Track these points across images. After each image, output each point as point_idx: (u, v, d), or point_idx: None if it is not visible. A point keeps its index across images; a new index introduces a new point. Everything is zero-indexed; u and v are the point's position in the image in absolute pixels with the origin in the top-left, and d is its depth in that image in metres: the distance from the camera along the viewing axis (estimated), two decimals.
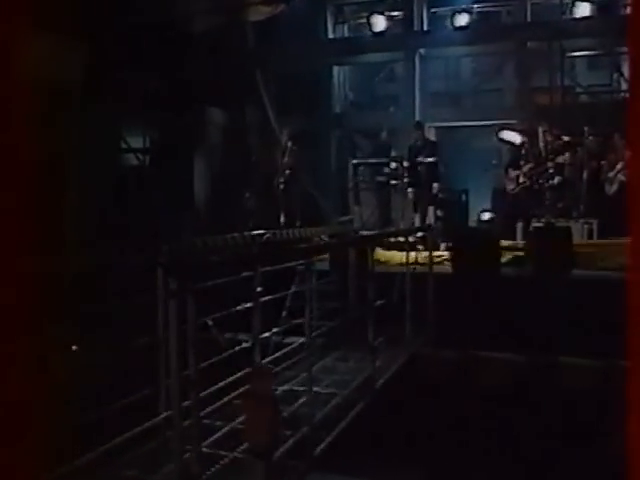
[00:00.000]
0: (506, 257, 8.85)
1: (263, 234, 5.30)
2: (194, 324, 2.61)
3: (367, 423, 4.58)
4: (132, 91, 9.88)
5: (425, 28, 14.58)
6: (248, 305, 5.07)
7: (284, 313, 5.90)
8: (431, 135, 14.58)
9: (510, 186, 10.76)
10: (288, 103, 13.98)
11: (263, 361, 5.39)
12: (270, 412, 3.07)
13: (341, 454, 4.21)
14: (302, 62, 14.73)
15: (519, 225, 10.57)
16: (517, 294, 7.96)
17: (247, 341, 5.09)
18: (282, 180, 10.81)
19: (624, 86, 13.75)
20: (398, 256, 9.80)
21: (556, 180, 10.99)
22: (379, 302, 5.21)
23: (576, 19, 13.02)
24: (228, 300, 4.60)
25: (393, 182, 11.68)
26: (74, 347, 3.71)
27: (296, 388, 5.13)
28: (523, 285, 8.27)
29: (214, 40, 12.35)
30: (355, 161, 12.15)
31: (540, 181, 10.91)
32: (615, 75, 14.20)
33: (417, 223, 10.77)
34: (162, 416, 4.02)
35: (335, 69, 16.26)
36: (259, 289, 5.22)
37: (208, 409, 4.35)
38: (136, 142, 11.58)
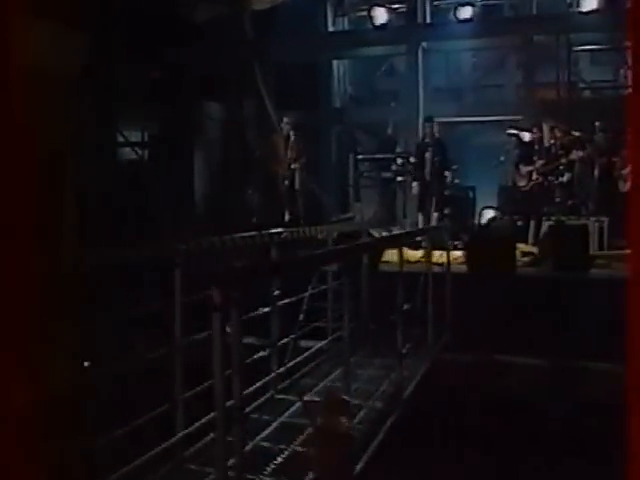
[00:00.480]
0: (521, 257, 8.55)
1: (280, 233, 4.95)
2: (238, 343, 2.26)
3: (400, 436, 4.24)
4: (131, 82, 9.48)
5: (428, 21, 14.25)
6: (266, 310, 4.73)
7: (301, 316, 5.56)
8: (434, 131, 14.29)
9: (521, 182, 10.44)
10: (287, 97, 13.64)
11: (282, 369, 5.05)
12: (345, 449, 2.74)
13: (381, 471, 3.88)
14: (301, 55, 14.41)
15: (531, 223, 10.25)
16: (535, 295, 7.67)
17: (264, 348, 4.75)
18: (287, 175, 10.45)
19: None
20: (409, 255, 9.49)
21: (565, 177, 10.71)
22: (406, 306, 4.85)
23: (583, 12, 12.71)
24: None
25: (399, 179, 11.37)
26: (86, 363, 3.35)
27: (318, 399, 4.78)
28: (541, 286, 7.96)
29: (216, 30, 11.97)
30: (360, 156, 11.80)
31: (550, 178, 10.62)
32: (622, 70, 13.90)
33: (421, 221, 10.43)
34: (179, 435, 3.67)
35: (335, 63, 15.92)
36: (277, 292, 4.89)
37: None
38: (135, 136, 11.17)
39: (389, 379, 5.34)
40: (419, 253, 9.20)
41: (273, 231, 4.87)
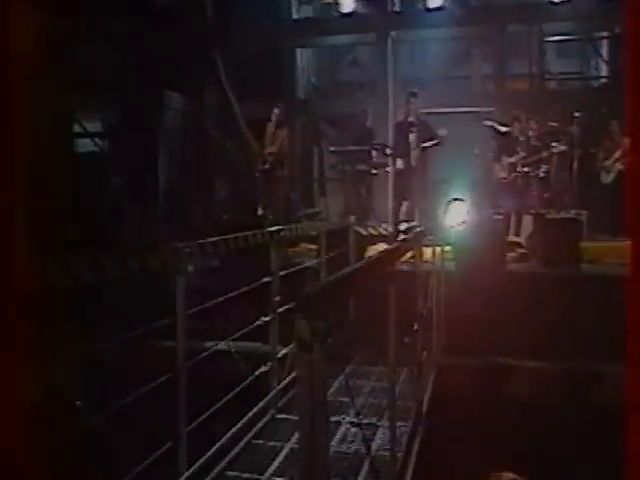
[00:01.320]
0: (510, 253, 8.16)
1: (279, 231, 4.41)
2: (324, 395, 1.73)
3: (430, 457, 3.76)
4: (90, 67, 8.76)
5: (396, 9, 13.81)
6: (267, 319, 4.19)
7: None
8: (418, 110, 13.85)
9: (503, 174, 10.08)
10: (249, 87, 13.05)
11: (281, 384, 4.51)
12: None
13: None
14: (264, 43, 13.83)
15: (512, 217, 9.91)
16: (528, 293, 7.29)
17: (265, 362, 4.20)
18: (264, 169, 9.88)
19: (604, 72, 13.33)
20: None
21: (542, 169, 10.40)
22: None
23: (555, 3, 12.47)
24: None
25: (374, 171, 10.90)
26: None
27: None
28: (534, 282, 7.58)
29: (176, 15, 11.28)
30: (332, 148, 11.27)
31: (526, 170, 10.31)
32: (593, 61, 13.73)
33: (403, 213, 9.89)
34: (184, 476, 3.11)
35: (298, 52, 15.36)
36: (277, 298, 4.35)
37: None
38: (94, 127, 10.38)
39: (398, 391, 4.85)
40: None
41: (272, 229, 4.33)
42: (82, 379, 3.58)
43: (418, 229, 9.01)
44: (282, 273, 4.39)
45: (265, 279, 4.14)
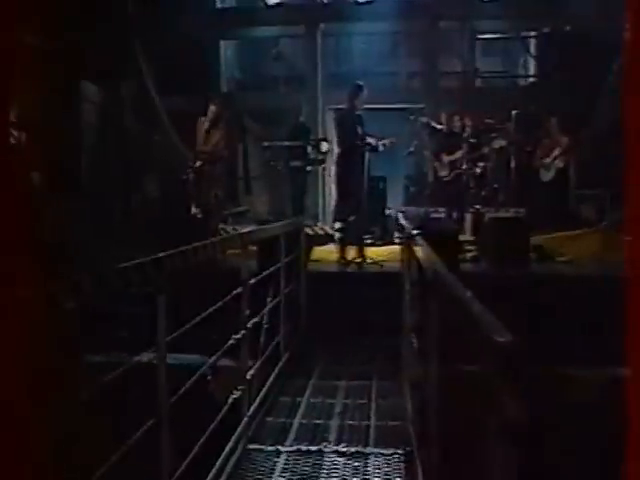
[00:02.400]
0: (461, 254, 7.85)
1: (250, 232, 3.86)
2: None
3: None
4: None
5: (325, 1, 13.41)
6: (238, 336, 3.64)
7: (264, 330, 4.48)
8: (329, 119, 13.47)
9: (443, 172, 9.82)
10: (170, 80, 12.34)
11: (251, 410, 3.96)
12: None
13: None
14: (187, 34, 13.12)
15: (454, 215, 9.67)
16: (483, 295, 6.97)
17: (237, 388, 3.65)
18: (197, 166, 9.22)
19: (532, 70, 13.39)
20: (334, 253, 8.58)
21: (479, 166, 10.23)
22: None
23: (486, 0, 12.41)
24: None
25: (309, 168, 10.43)
26: None
27: (309, 448, 3.75)
28: (485, 283, 7.29)
29: (95, 2, 10.45)
30: (266, 144, 10.72)
31: (464, 167, 10.10)
32: (522, 60, 13.76)
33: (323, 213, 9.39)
34: None
35: (222, 45, 14.71)
36: (247, 312, 3.80)
37: None
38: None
39: (374, 410, 4.41)
40: (352, 251, 8.34)
41: (244, 231, 3.79)
42: None
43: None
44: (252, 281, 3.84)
45: (236, 291, 3.58)
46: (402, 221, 6.33)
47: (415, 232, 3.92)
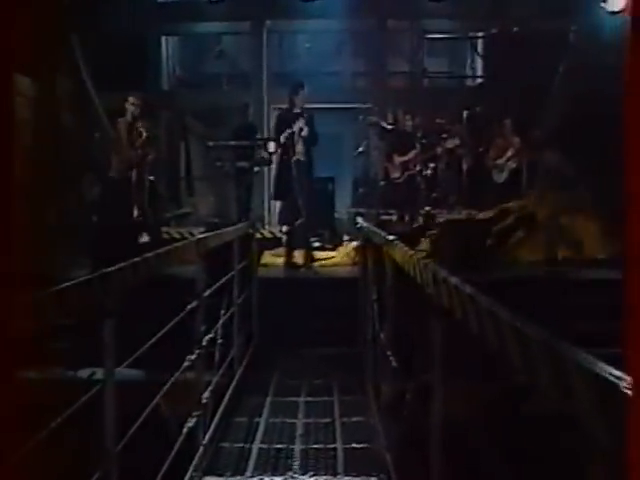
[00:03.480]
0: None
1: (204, 239, 3.46)
2: None
3: None
4: None
5: None
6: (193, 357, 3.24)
7: (218, 346, 4.06)
8: (272, 119, 13.10)
9: (395, 174, 9.56)
10: (108, 76, 11.75)
11: (207, 436, 3.56)
12: None
13: None
14: (126, 28, 12.56)
15: (406, 218, 9.43)
16: None
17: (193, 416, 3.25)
18: (137, 167, 8.69)
19: (480, 71, 13.32)
20: (282, 257, 8.20)
21: (430, 167, 10.02)
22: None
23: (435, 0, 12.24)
24: None
25: (256, 169, 10.03)
26: None
27: (272, 479, 3.38)
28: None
29: None
30: (211, 143, 10.25)
31: (417, 168, 9.87)
32: (469, 60, 13.67)
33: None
34: None
35: (163, 40, 14.16)
36: (202, 328, 3.40)
37: None
38: None
39: (340, 430, 4.06)
40: (300, 255, 7.99)
41: (200, 237, 3.39)
42: None
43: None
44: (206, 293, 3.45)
45: (190, 305, 3.18)
46: (364, 224, 6.01)
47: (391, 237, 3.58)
